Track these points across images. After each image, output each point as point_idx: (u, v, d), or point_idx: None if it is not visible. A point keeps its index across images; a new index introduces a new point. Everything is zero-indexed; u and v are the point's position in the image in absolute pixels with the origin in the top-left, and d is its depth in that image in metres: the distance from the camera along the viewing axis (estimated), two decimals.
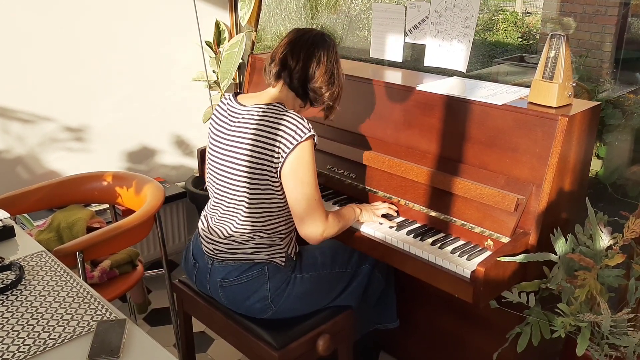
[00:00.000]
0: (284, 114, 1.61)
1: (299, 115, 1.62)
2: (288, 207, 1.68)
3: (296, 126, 1.58)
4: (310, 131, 1.60)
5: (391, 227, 1.82)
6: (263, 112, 1.63)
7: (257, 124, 1.62)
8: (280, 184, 1.63)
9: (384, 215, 1.87)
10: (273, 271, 1.69)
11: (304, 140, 1.58)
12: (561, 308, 1.53)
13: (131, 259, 2.21)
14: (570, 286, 1.55)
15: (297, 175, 1.59)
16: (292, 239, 1.77)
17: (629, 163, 2.72)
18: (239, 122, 1.66)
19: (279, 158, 1.59)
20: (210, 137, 1.75)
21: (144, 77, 2.90)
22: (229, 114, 1.71)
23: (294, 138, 1.57)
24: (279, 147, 1.58)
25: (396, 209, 1.90)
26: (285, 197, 1.66)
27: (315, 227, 1.64)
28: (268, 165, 1.60)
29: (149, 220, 2.03)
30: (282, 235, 1.71)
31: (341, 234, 1.77)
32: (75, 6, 2.58)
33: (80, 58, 2.66)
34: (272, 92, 1.72)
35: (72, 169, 2.63)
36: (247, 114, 1.66)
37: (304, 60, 1.68)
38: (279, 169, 1.60)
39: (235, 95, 1.75)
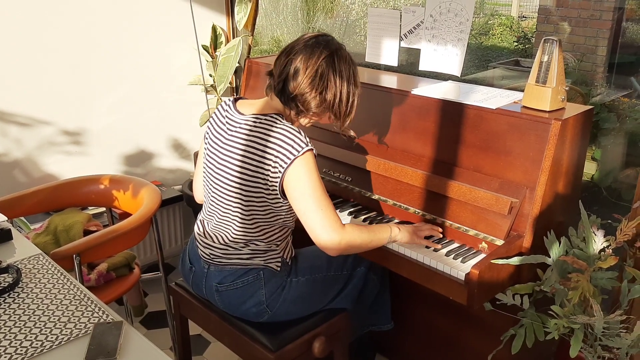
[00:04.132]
0: (279, 127, 1.57)
1: (296, 129, 1.57)
2: (282, 217, 1.67)
3: (293, 140, 1.54)
4: (307, 145, 1.55)
5: (436, 250, 1.73)
6: (260, 123, 1.60)
7: (252, 136, 1.59)
8: (275, 196, 1.60)
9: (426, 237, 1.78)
10: (268, 276, 1.70)
11: (302, 154, 1.54)
12: (555, 310, 1.54)
13: (128, 262, 2.22)
14: (563, 288, 1.56)
15: (301, 187, 1.55)
16: (288, 243, 1.77)
17: (622, 166, 2.74)
18: (235, 131, 1.64)
19: (275, 172, 1.56)
20: (208, 142, 1.73)
21: (141, 80, 2.91)
22: (227, 122, 1.68)
23: (290, 153, 1.53)
24: (275, 162, 1.55)
25: (441, 230, 1.81)
26: (280, 207, 1.64)
27: (330, 235, 1.56)
28: (263, 179, 1.58)
29: (145, 223, 2.04)
30: (278, 242, 1.71)
31: None
32: (73, 11, 2.59)
33: (78, 62, 2.66)
34: (268, 101, 1.67)
35: (69, 173, 2.63)
36: (245, 124, 1.63)
37: (286, 63, 1.58)
38: (278, 183, 1.57)
39: (235, 101, 1.71)
